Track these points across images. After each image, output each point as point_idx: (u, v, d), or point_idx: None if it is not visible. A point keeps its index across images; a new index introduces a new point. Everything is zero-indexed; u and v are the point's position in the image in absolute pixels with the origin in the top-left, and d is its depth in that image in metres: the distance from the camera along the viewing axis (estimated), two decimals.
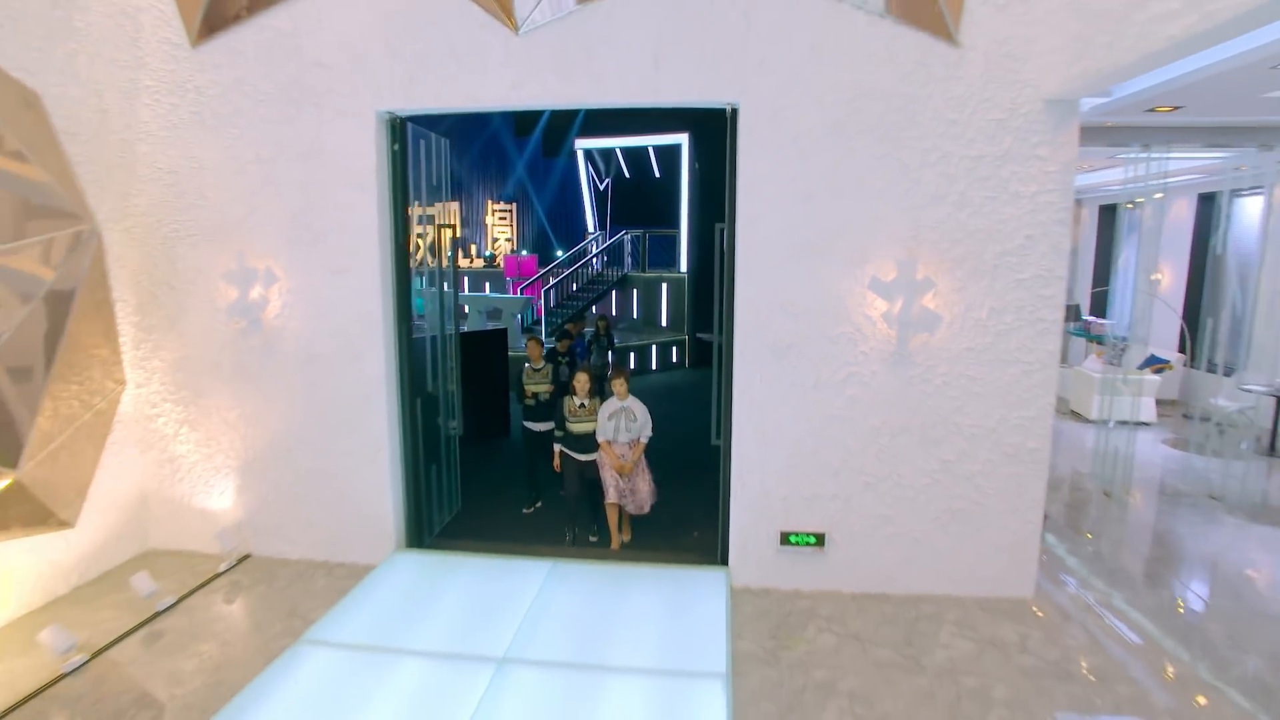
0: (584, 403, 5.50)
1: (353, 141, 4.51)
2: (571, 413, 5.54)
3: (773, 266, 4.41)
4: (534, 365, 6.11)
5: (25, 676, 3.64)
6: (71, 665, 3.71)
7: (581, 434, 5.56)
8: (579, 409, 5.51)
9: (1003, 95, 4.08)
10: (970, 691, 3.62)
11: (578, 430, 5.55)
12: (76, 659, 3.74)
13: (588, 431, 5.53)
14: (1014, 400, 4.37)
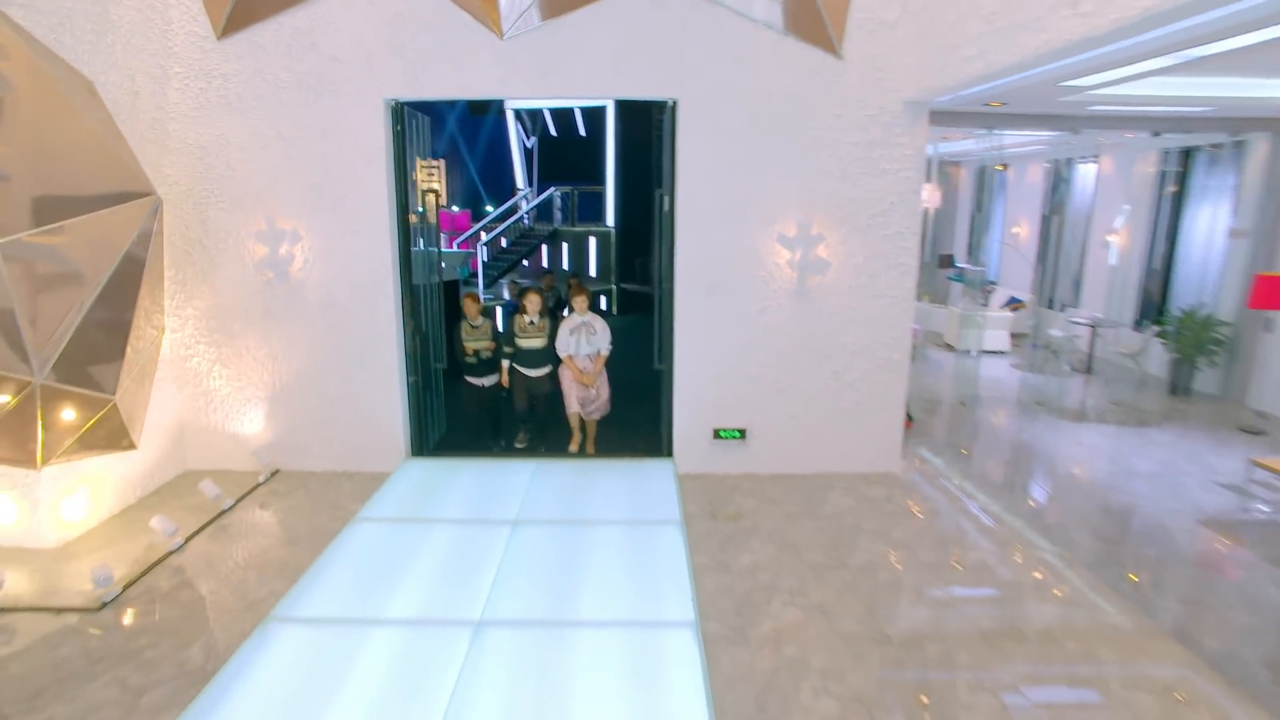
0: (534, 320, 6.04)
1: (364, 124, 5.49)
2: (521, 329, 6.05)
3: (704, 225, 5.74)
4: (472, 322, 6.28)
5: (142, 554, 4.66)
6: (175, 545, 4.74)
7: (530, 350, 6.10)
8: (529, 326, 6.05)
9: (873, 97, 5.49)
10: (849, 526, 5.18)
11: (527, 346, 6.08)
12: (178, 540, 4.78)
13: (537, 347, 6.08)
14: (882, 325, 5.92)
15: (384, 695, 3.25)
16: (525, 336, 6.16)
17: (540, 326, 6.15)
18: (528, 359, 6.21)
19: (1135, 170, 9.97)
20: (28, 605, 4.09)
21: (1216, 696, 3.40)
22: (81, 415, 4.68)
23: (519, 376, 6.31)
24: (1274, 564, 4.74)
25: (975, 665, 3.63)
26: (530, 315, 6.11)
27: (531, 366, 6.23)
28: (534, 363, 6.22)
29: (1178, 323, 8.81)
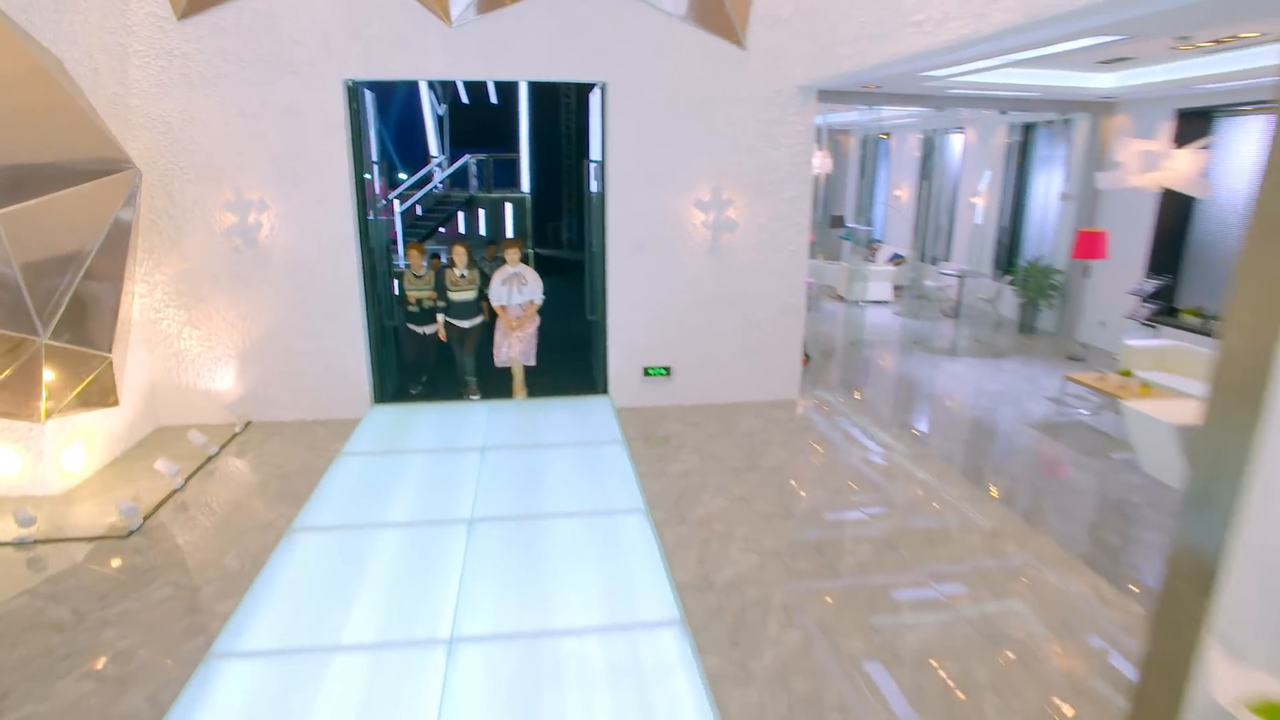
0: (464, 273, 6.47)
1: (324, 103, 6.03)
2: (453, 283, 6.44)
3: (632, 191, 6.64)
4: (416, 272, 6.69)
5: (146, 495, 5.21)
6: (178, 485, 5.33)
7: (462, 302, 6.53)
8: (459, 279, 6.47)
9: (771, 82, 6.51)
10: (759, 440, 6.31)
11: (458, 298, 6.50)
12: (179, 481, 5.36)
13: (468, 299, 6.53)
14: (783, 275, 7.04)
15: (399, 584, 4.08)
16: (456, 289, 6.54)
17: (470, 279, 6.59)
18: (460, 311, 6.62)
19: (992, 141, 11.55)
20: (61, 537, 4.63)
21: (1052, 557, 4.73)
22: (80, 372, 5.15)
23: (453, 329, 6.74)
24: (1081, 452, 6.22)
25: (862, 530, 4.83)
26: (460, 268, 6.52)
27: (464, 318, 6.65)
28: (466, 314, 6.63)
29: (1024, 272, 10.47)
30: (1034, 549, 4.55)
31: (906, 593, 4.06)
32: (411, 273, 6.77)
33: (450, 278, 6.55)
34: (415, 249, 6.84)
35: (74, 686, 3.28)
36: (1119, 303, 8.94)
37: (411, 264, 6.78)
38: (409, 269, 6.80)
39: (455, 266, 6.58)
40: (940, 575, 4.23)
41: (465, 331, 6.79)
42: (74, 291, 5.01)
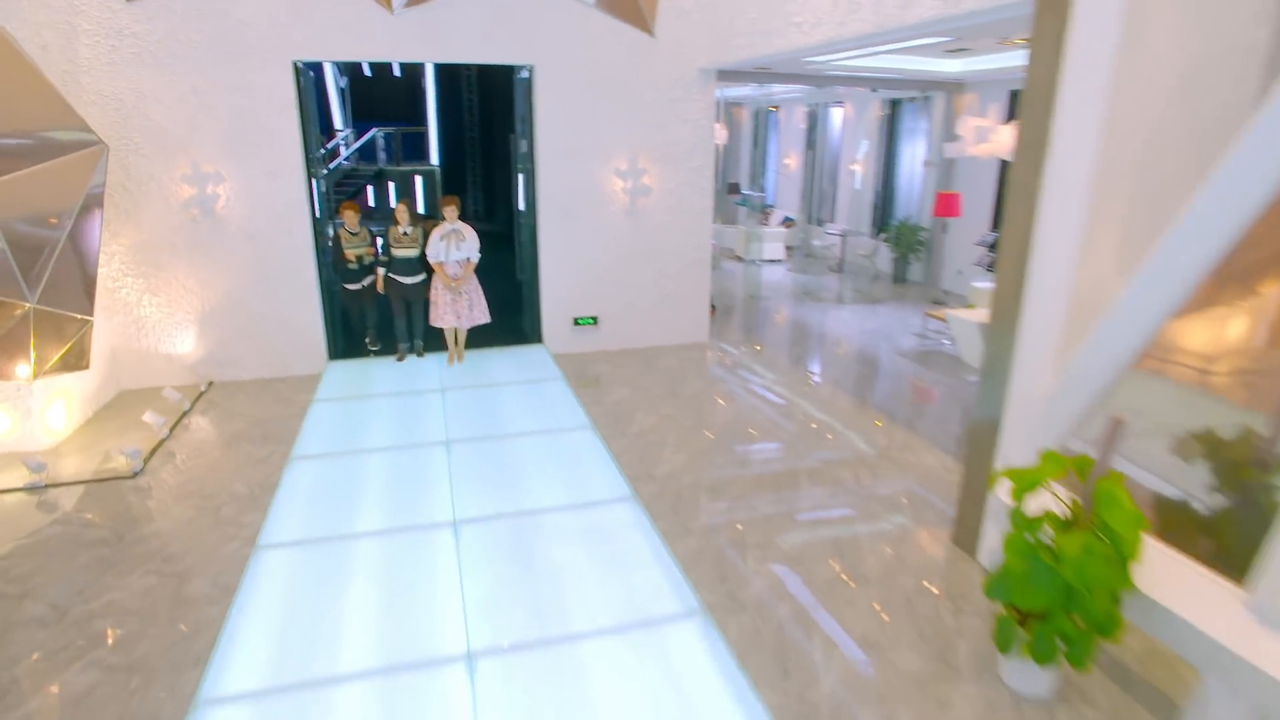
0: (407, 230, 6.66)
1: (275, 82, 6.54)
2: (396, 240, 6.63)
3: (558, 161, 7.51)
4: (351, 229, 6.91)
5: (141, 442, 5.74)
6: (165, 433, 5.87)
7: (405, 259, 6.74)
8: (402, 236, 6.67)
9: (677, 66, 7.51)
10: (678, 374, 7.42)
11: (401, 255, 6.70)
12: (166, 430, 5.90)
13: (411, 256, 6.72)
14: (690, 233, 8.12)
15: (399, 489, 4.93)
16: (400, 246, 6.77)
17: (414, 237, 6.80)
18: (402, 267, 6.84)
19: (867, 115, 13.02)
20: (71, 481, 5.16)
21: (907, 442, 6.07)
22: (64, 335, 5.59)
23: (395, 285, 6.94)
24: (936, 370, 7.69)
25: (764, 434, 6.02)
26: (403, 225, 6.74)
27: (406, 274, 6.88)
28: (408, 271, 6.87)
29: (895, 230, 12.04)
30: (897, 437, 5.89)
31: (803, 468, 5.28)
32: (347, 230, 6.99)
33: (393, 235, 6.78)
34: (351, 207, 7.01)
35: (140, 581, 3.98)
36: (971, 253, 10.60)
37: (347, 222, 6.96)
38: (344, 227, 7.00)
39: (398, 224, 6.82)
40: (828, 460, 5.48)
41: (407, 288, 7.03)
42: (56, 259, 5.45)
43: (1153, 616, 2.89)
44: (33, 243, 5.31)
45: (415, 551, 4.18)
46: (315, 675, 3.23)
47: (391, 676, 3.23)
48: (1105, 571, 2.79)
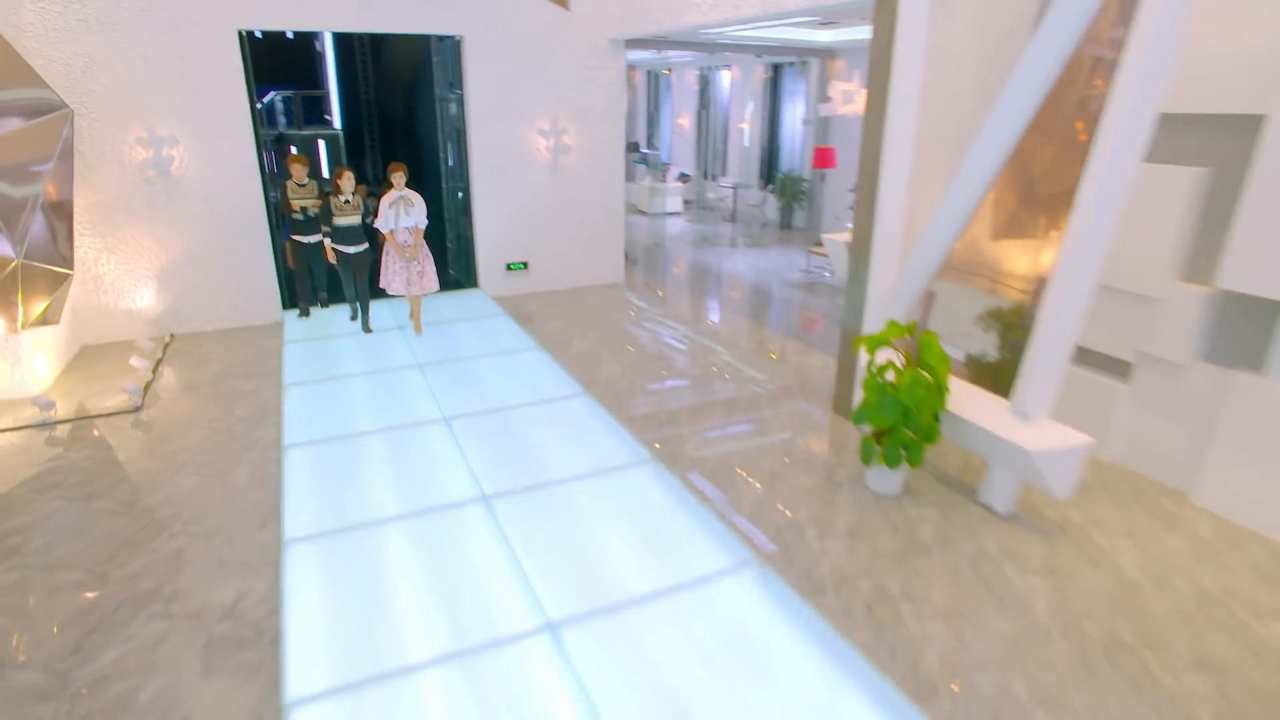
0: (348, 198, 6.58)
1: (222, 49, 7.03)
2: (338, 208, 6.55)
3: (488, 125, 8.36)
4: (298, 181, 7.03)
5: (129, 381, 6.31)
6: (150, 375, 6.46)
7: (347, 227, 6.67)
8: (344, 204, 6.58)
9: (591, 37, 8.47)
10: (600, 309, 8.55)
11: (343, 224, 6.63)
12: (150, 373, 6.48)
13: (353, 224, 6.65)
14: (605, 187, 9.20)
15: (387, 402, 5.85)
16: (342, 214, 6.66)
17: (355, 205, 6.76)
18: (345, 236, 6.75)
19: (753, 78, 14.36)
20: (80, 416, 5.73)
21: (796, 347, 7.47)
22: (47, 288, 6.06)
23: (340, 256, 6.93)
24: (817, 296, 9.19)
25: (680, 349, 7.28)
26: (345, 194, 6.63)
27: (350, 243, 6.78)
28: (352, 239, 6.77)
29: (780, 182, 13.53)
30: (789, 345, 7.30)
31: (715, 365, 6.58)
32: (294, 182, 7.16)
33: (335, 203, 6.72)
34: (299, 160, 7.15)
35: (187, 480, 4.78)
36: (846, 199, 12.22)
37: (294, 174, 7.14)
38: (291, 180, 7.18)
39: (340, 192, 6.71)
40: (732, 362, 6.81)
41: (351, 258, 6.95)
42: (37, 217, 5.89)
43: (957, 427, 4.37)
44: (14, 202, 5.76)
45: (414, 442, 5.17)
46: (365, 518, 4.22)
47: (421, 517, 4.27)
48: (927, 396, 4.21)
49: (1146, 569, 3.90)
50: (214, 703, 2.97)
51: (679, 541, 4.07)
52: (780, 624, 3.41)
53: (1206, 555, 4.03)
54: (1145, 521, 4.35)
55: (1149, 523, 4.34)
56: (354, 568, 3.84)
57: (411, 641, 3.30)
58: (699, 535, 4.12)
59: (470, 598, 3.59)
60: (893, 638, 3.35)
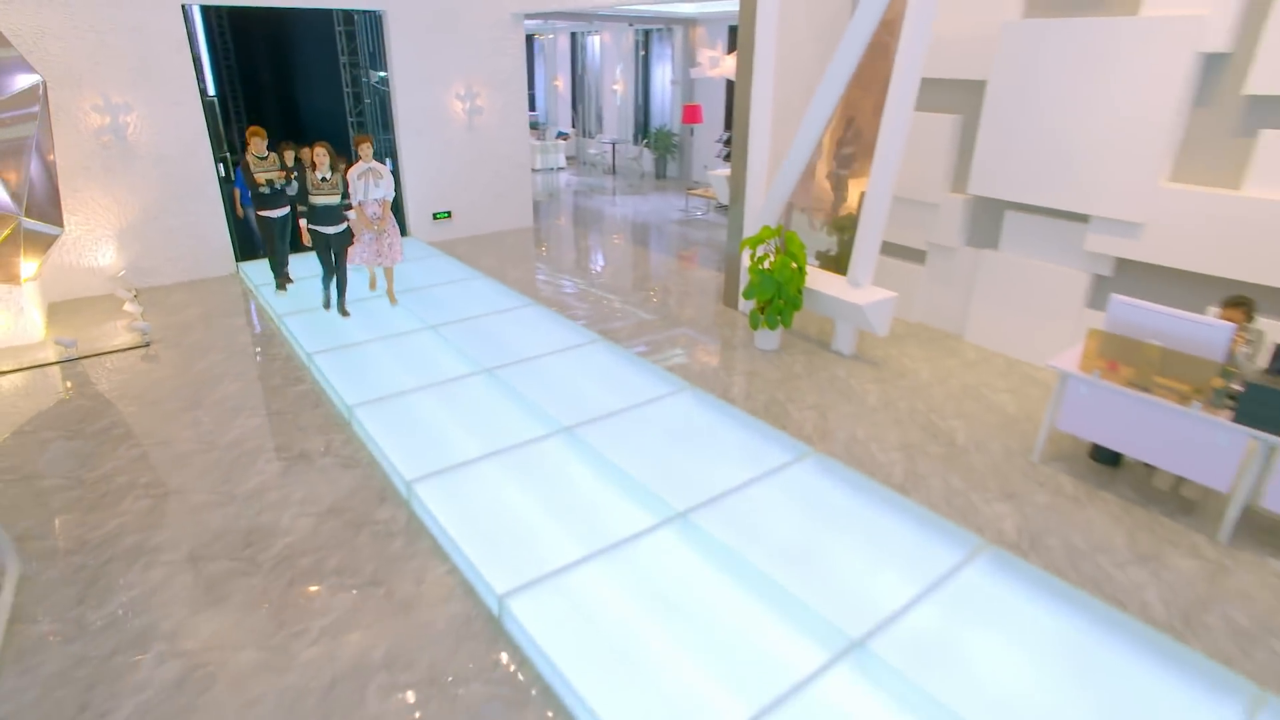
0: (325, 176, 6.09)
1: (166, 23, 7.73)
2: (315, 186, 6.06)
3: (410, 92, 9.48)
4: (258, 154, 7.16)
5: (121, 327, 7.13)
6: (142, 321, 7.29)
7: (325, 206, 6.15)
8: (321, 183, 6.09)
9: (496, 11, 9.73)
10: (520, 247, 10.02)
11: (321, 203, 6.12)
12: (140, 319, 7.31)
13: (332, 204, 6.13)
14: (513, 144, 10.57)
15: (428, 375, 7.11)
16: (319, 193, 6.14)
17: (333, 183, 6.24)
18: (324, 216, 6.21)
19: (622, 43, 15.90)
20: (98, 352, 6.59)
21: (685, 272, 9.32)
22: (42, 245, 6.77)
23: (319, 237, 6.38)
24: (697, 229, 11.10)
25: (597, 266, 8.94)
26: (321, 171, 6.09)
27: (328, 224, 6.27)
28: (330, 219, 6.26)
29: (654, 137, 15.28)
30: (681, 264, 9.15)
31: (631, 275, 8.30)
32: (254, 155, 7.28)
33: (311, 181, 6.17)
34: (257, 132, 7.22)
35: (232, 385, 5.92)
36: (713, 149, 14.18)
37: (252, 147, 7.23)
38: (250, 151, 7.28)
39: (316, 169, 6.17)
40: (641, 276, 8.56)
41: (330, 238, 6.44)
42: (30, 179, 6.58)
43: (814, 298, 6.37)
44: (11, 164, 6.44)
45: (464, 393, 6.54)
46: (459, 459, 5.62)
47: (511, 452, 5.73)
48: (793, 275, 6.15)
49: (934, 376, 6.10)
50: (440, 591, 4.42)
51: (637, 382, 5.81)
52: (713, 417, 5.26)
53: (970, 367, 6.29)
54: (935, 352, 6.59)
55: (937, 353, 6.58)
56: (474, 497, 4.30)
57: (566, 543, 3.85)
58: (652, 381, 5.88)
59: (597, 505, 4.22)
60: (784, 419, 5.29)
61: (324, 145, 6.27)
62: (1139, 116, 5.19)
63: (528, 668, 3.19)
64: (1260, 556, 3.93)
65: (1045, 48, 5.61)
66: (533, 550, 3.80)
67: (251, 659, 3.23)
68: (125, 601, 3.56)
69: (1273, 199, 4.73)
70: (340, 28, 10.83)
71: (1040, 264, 6.14)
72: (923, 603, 3.46)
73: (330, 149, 6.37)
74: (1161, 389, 4.10)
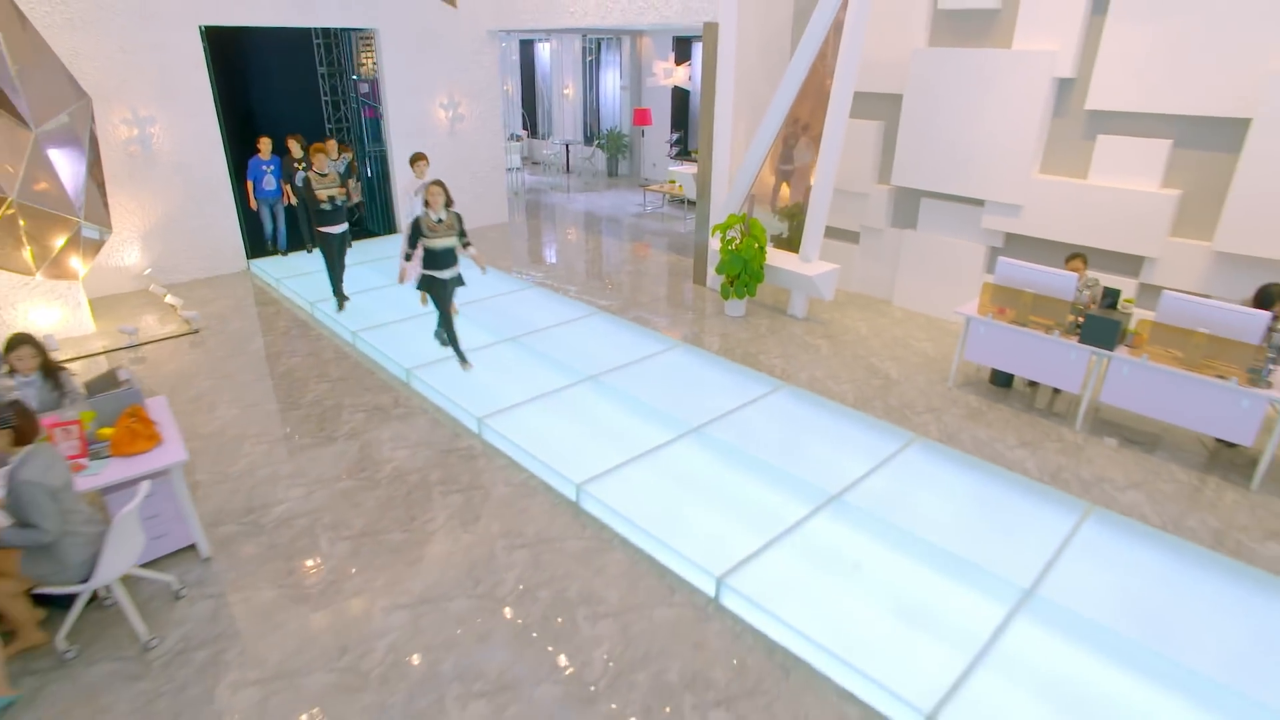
0: (441, 217, 5.35)
1: (187, 42, 8.55)
2: (430, 229, 5.31)
3: (401, 100, 10.48)
4: (320, 171, 7.16)
5: (168, 318, 7.96)
6: (186, 310, 8.13)
7: (444, 249, 5.47)
8: (437, 225, 5.33)
9: (474, 28, 10.83)
10: (501, 239, 11.16)
11: (440, 246, 5.41)
12: (194, 313, 8.14)
13: (449, 246, 5.49)
14: (490, 147, 11.69)
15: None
16: (434, 236, 5.42)
17: (449, 224, 5.53)
18: (440, 260, 5.53)
19: (572, 50, 17.09)
20: (156, 339, 7.44)
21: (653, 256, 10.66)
22: (95, 247, 7.56)
23: (434, 283, 5.67)
24: (656, 219, 12.46)
25: (582, 251, 10.19)
26: (436, 212, 5.37)
27: (444, 268, 5.63)
28: (447, 263, 5.61)
29: (606, 138, 16.56)
30: (652, 250, 10.50)
31: (614, 260, 9.59)
32: (316, 172, 7.27)
33: (426, 223, 5.43)
34: (320, 149, 7.25)
35: (311, 344, 6.93)
36: (662, 149, 15.56)
37: (316, 164, 7.26)
38: (313, 169, 7.28)
39: (430, 209, 5.40)
40: (620, 261, 9.86)
41: (446, 284, 5.73)
42: (85, 186, 7.38)
43: (773, 273, 7.82)
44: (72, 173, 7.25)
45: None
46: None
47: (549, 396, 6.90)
48: (757, 254, 7.57)
49: (870, 331, 7.64)
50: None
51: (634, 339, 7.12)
52: (703, 365, 6.62)
53: (898, 323, 7.87)
54: (870, 314, 8.14)
55: (872, 314, 8.13)
56: (530, 429, 6.34)
57: (611, 453, 6.04)
58: (649, 342, 7.19)
59: (629, 428, 6.34)
60: (758, 365, 6.71)
61: (439, 184, 5.54)
62: (1015, 124, 6.82)
63: (606, 529, 4.48)
64: (1099, 436, 5.57)
65: (945, 70, 7.20)
66: (587, 459, 5.07)
67: (398, 539, 4.40)
68: (300, 512, 4.67)
69: (1108, 185, 6.43)
70: (319, 40, 11.68)
71: (949, 240, 7.76)
72: (875, 474, 4.92)
73: (444, 187, 5.62)
74: (1034, 324, 5.70)
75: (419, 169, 7.07)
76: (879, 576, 3.99)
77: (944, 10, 7.27)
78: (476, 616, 3.79)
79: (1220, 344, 4.81)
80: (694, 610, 3.85)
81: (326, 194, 7.26)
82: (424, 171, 6.97)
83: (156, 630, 3.67)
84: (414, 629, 3.69)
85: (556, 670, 3.47)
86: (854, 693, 3.34)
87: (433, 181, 5.56)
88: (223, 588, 4.00)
